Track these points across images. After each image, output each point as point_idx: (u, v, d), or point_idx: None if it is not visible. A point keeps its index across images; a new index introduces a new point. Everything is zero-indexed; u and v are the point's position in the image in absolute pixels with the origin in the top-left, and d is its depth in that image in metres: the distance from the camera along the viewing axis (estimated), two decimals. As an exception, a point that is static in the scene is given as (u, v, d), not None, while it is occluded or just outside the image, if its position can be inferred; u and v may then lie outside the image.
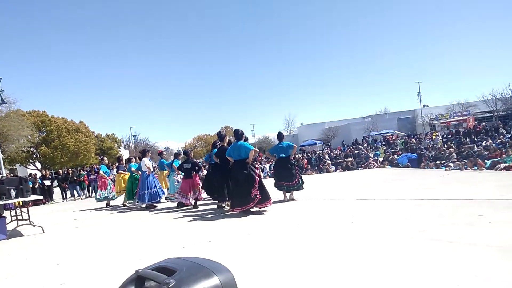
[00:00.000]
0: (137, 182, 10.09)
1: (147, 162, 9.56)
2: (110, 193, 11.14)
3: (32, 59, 71.86)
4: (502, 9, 66.03)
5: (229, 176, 7.01)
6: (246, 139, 8.01)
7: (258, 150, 7.06)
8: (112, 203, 11.32)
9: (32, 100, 73.77)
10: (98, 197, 11.35)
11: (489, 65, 73.60)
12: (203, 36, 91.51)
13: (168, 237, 5.50)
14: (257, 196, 6.48)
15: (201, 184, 8.55)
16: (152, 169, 9.89)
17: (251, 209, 6.63)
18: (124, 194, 10.81)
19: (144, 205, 9.62)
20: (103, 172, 11.21)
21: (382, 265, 3.10)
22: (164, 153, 9.57)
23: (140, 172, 9.87)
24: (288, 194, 7.95)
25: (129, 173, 10.81)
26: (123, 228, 6.93)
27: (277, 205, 7.30)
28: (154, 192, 9.36)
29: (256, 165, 7.05)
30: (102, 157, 12.86)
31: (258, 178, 6.64)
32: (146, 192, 9.34)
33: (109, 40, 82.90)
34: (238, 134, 6.88)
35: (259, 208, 6.67)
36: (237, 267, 3.26)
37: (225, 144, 7.68)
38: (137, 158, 11.38)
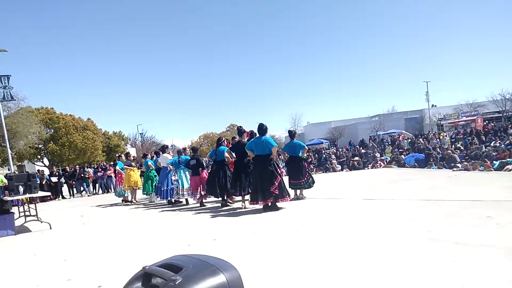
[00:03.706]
0: (154, 177, 10.57)
1: (169, 157, 9.79)
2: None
3: (43, 56, 72.58)
4: (513, 8, 65.20)
5: (250, 171, 6.99)
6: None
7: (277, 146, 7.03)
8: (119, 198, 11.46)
9: (42, 98, 74.57)
10: (120, 192, 11.42)
11: (498, 65, 72.88)
12: (210, 34, 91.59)
13: (173, 235, 5.53)
14: (276, 192, 6.51)
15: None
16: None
17: (277, 204, 6.67)
18: (130, 190, 10.96)
19: (157, 200, 10.24)
20: (120, 168, 11.43)
21: (388, 265, 3.08)
22: (187, 150, 9.78)
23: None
24: (298, 192, 7.94)
25: (135, 169, 11.18)
26: (129, 225, 6.98)
27: (282, 203, 7.28)
28: (171, 189, 9.57)
29: (279, 163, 7.03)
30: (119, 154, 13.25)
31: (280, 177, 6.66)
32: (167, 188, 9.56)
33: (117, 38, 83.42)
34: (263, 129, 6.81)
35: (277, 203, 6.66)
36: (242, 265, 3.26)
37: (244, 140, 7.65)
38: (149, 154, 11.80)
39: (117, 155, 13.91)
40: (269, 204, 6.62)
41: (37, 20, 69.88)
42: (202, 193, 8.34)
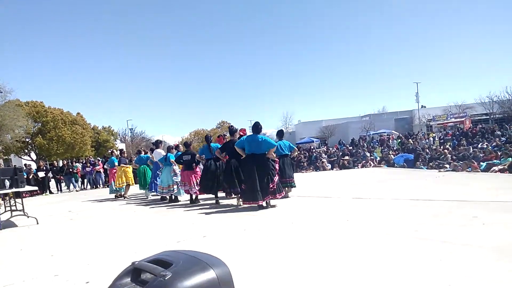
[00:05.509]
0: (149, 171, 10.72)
1: (163, 153, 9.77)
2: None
3: (32, 50, 71.42)
4: (502, 11, 66.38)
5: (242, 169, 6.93)
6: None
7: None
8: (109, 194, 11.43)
9: (32, 92, 73.36)
10: (114, 188, 11.28)
11: (487, 68, 74.13)
12: (202, 31, 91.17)
13: (163, 231, 5.50)
14: (273, 188, 6.53)
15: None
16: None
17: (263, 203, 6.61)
18: (124, 186, 10.95)
19: (151, 195, 10.44)
20: (116, 163, 11.47)
21: (376, 264, 3.11)
22: (180, 146, 9.78)
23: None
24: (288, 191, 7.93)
25: (130, 166, 11.50)
26: (118, 221, 6.92)
27: (275, 201, 7.26)
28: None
29: (276, 160, 7.00)
30: (112, 150, 13.29)
31: (278, 175, 6.68)
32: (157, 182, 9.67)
33: (107, 33, 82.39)
34: (258, 128, 6.78)
35: (271, 199, 6.64)
36: (232, 262, 3.25)
37: (235, 139, 7.57)
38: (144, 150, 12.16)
39: (109, 151, 13.96)
40: (263, 203, 6.54)
41: (27, 13, 68.59)
42: (196, 187, 8.25)
